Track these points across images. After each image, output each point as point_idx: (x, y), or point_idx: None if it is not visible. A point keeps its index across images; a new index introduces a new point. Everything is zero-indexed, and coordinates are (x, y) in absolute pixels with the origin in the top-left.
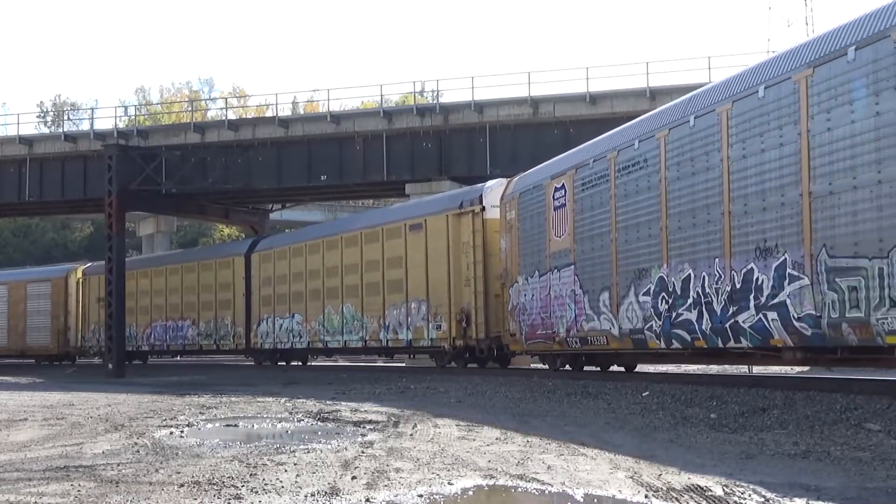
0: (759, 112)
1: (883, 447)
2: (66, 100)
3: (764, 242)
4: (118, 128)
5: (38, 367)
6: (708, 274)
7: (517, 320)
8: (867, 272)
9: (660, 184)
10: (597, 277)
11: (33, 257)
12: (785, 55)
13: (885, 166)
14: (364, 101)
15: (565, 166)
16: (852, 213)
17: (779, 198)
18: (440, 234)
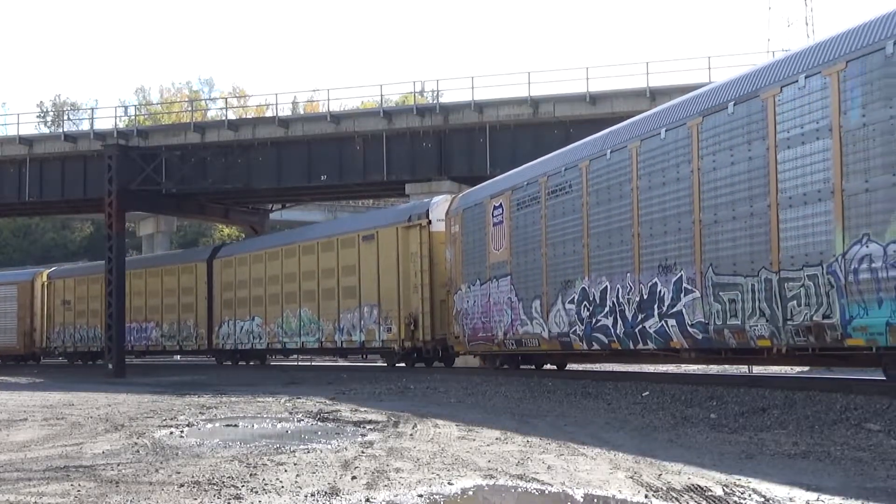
0: (660, 151)
1: (883, 447)
2: (66, 100)
3: (665, 261)
4: (118, 128)
5: (39, 368)
6: (621, 286)
7: (461, 324)
8: (742, 287)
9: (582, 207)
10: (530, 287)
11: (33, 257)
12: (681, 103)
13: (755, 202)
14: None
15: (503, 187)
16: (732, 240)
17: (676, 224)
18: (391, 245)
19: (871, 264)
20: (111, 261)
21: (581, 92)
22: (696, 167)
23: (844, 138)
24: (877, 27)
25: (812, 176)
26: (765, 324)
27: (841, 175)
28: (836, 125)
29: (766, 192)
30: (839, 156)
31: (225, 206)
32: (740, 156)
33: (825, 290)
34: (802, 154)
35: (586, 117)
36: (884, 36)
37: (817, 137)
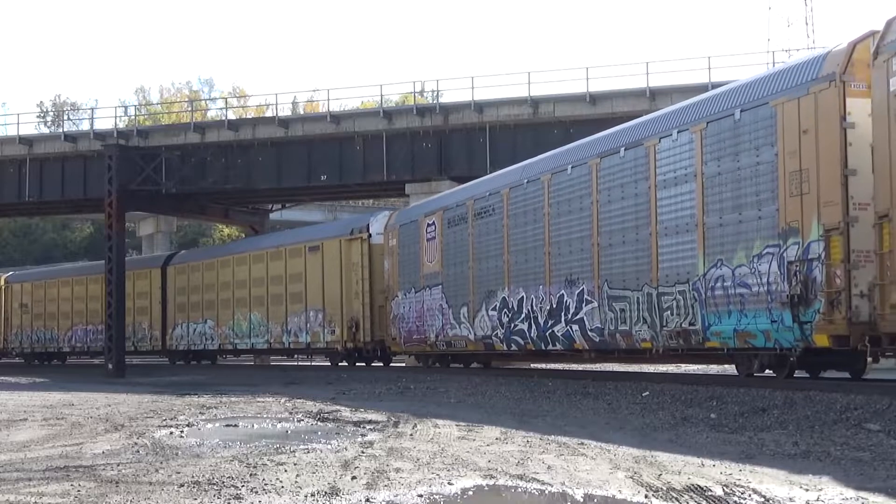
0: (567, 185)
1: (883, 447)
2: (66, 100)
3: (570, 276)
4: (118, 128)
5: (39, 367)
6: (535, 296)
7: (397, 327)
8: (630, 299)
9: (503, 228)
10: (459, 295)
11: (33, 257)
12: (585, 144)
13: (640, 231)
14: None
15: (436, 206)
16: (622, 260)
17: (580, 246)
18: (334, 255)
19: (723, 283)
20: (111, 261)
21: (581, 92)
22: (595, 199)
23: (705, 183)
24: (730, 97)
25: (682, 212)
26: (647, 329)
27: (702, 212)
28: (699, 172)
29: (648, 223)
30: (701, 197)
31: (225, 206)
32: (629, 192)
33: (691, 302)
34: (675, 194)
35: (586, 117)
36: (734, 105)
37: (685, 181)
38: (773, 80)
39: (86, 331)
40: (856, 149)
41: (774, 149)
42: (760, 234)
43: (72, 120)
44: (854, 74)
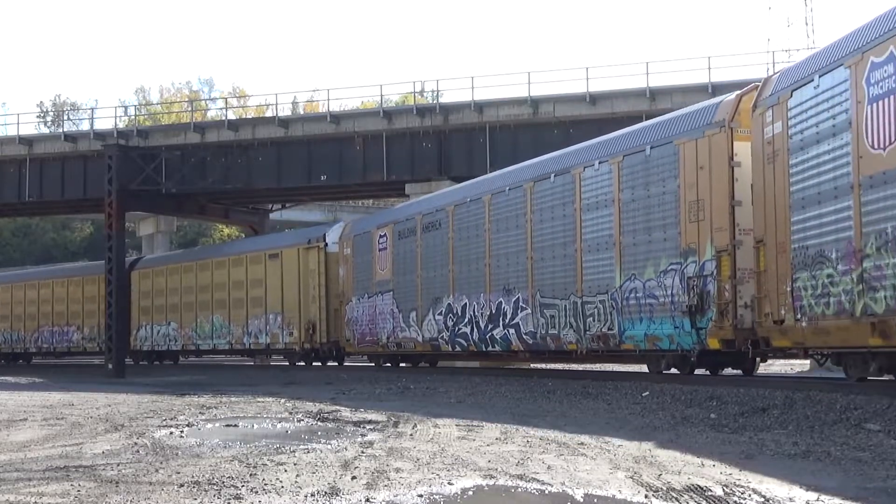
0: (505, 205)
1: (883, 447)
2: (66, 100)
3: (508, 285)
4: (118, 128)
5: (39, 367)
6: (477, 303)
7: (351, 329)
8: (559, 307)
9: (448, 241)
10: (408, 301)
11: (33, 257)
12: (521, 169)
13: (567, 247)
14: (364, 101)
15: (388, 219)
16: (552, 273)
17: (516, 259)
18: (293, 263)
19: (636, 294)
20: (111, 261)
21: (581, 92)
22: (529, 218)
23: (621, 208)
24: (643, 134)
25: (602, 232)
26: (572, 333)
27: (619, 232)
28: (616, 198)
29: (574, 241)
30: (618, 219)
31: (225, 206)
32: (558, 213)
33: (609, 310)
34: (596, 216)
35: (586, 117)
36: (646, 142)
37: (605, 205)
38: (677, 122)
39: (52, 332)
40: (741, 184)
41: (677, 181)
42: (666, 253)
43: (72, 120)
44: (740, 122)
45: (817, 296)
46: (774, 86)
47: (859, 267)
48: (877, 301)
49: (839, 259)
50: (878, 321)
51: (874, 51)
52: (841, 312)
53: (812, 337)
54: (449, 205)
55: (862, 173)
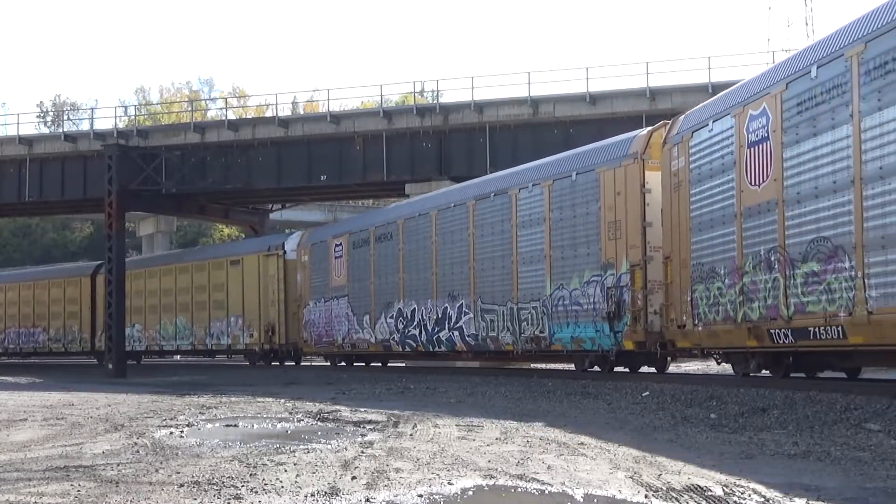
0: (450, 220)
1: (883, 447)
2: (66, 100)
3: (453, 292)
4: (118, 128)
5: (39, 367)
6: (425, 308)
7: (308, 331)
8: (498, 312)
9: (399, 252)
10: (362, 305)
11: (33, 257)
12: (464, 188)
13: (505, 259)
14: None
15: (343, 230)
16: (492, 282)
17: (460, 268)
18: (253, 268)
19: (563, 301)
20: (111, 261)
21: (581, 92)
22: (471, 233)
23: (552, 226)
24: (571, 162)
25: (535, 246)
26: (509, 335)
27: (549, 247)
28: (547, 217)
29: (511, 254)
30: (548, 236)
31: (225, 206)
32: (497, 229)
33: (541, 315)
34: (530, 232)
35: (586, 117)
36: (572, 168)
37: (538, 223)
38: (599, 152)
39: (18, 333)
40: (651, 207)
41: (598, 204)
42: (589, 266)
43: (72, 120)
44: (651, 154)
45: (710, 305)
46: (680, 126)
47: (740, 281)
48: (752, 310)
49: (726, 275)
50: (752, 326)
51: (752, 105)
52: (727, 319)
53: (706, 339)
54: (400, 218)
55: (743, 205)
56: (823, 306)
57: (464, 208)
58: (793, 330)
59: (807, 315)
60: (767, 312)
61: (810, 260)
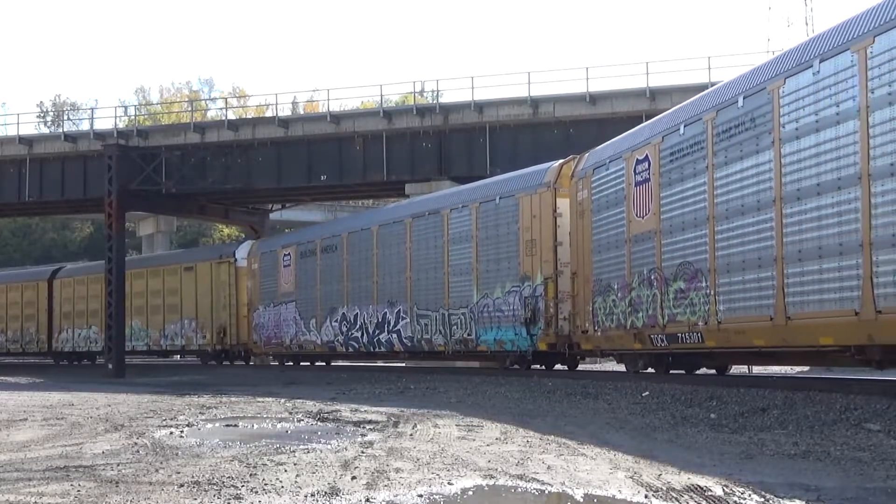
0: (390, 234)
1: (883, 447)
2: (66, 100)
3: (391, 299)
4: (118, 128)
5: (39, 367)
6: (367, 312)
7: (258, 333)
8: (431, 317)
9: (343, 262)
10: (309, 309)
11: (33, 257)
12: (399, 206)
13: (438, 270)
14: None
15: (292, 241)
16: (426, 290)
17: (398, 278)
18: (206, 275)
19: (488, 308)
20: (111, 261)
21: (581, 92)
22: (408, 246)
23: (478, 242)
24: (493, 188)
25: (464, 260)
26: (441, 338)
27: (476, 261)
28: (474, 235)
29: (443, 266)
30: (475, 251)
31: (225, 206)
32: (431, 244)
33: (469, 320)
34: (460, 248)
35: (586, 117)
36: (495, 194)
37: (466, 240)
38: (519, 180)
39: None
40: (562, 229)
41: (518, 224)
42: (509, 278)
43: (72, 120)
44: (562, 184)
45: (606, 314)
46: (585, 163)
47: (629, 295)
48: (637, 318)
49: (619, 289)
50: (637, 332)
51: (638, 151)
52: (619, 326)
53: (604, 343)
54: (344, 232)
55: (631, 232)
56: (688, 316)
57: (402, 225)
58: (667, 335)
59: (676, 323)
60: (648, 321)
61: (678, 279)
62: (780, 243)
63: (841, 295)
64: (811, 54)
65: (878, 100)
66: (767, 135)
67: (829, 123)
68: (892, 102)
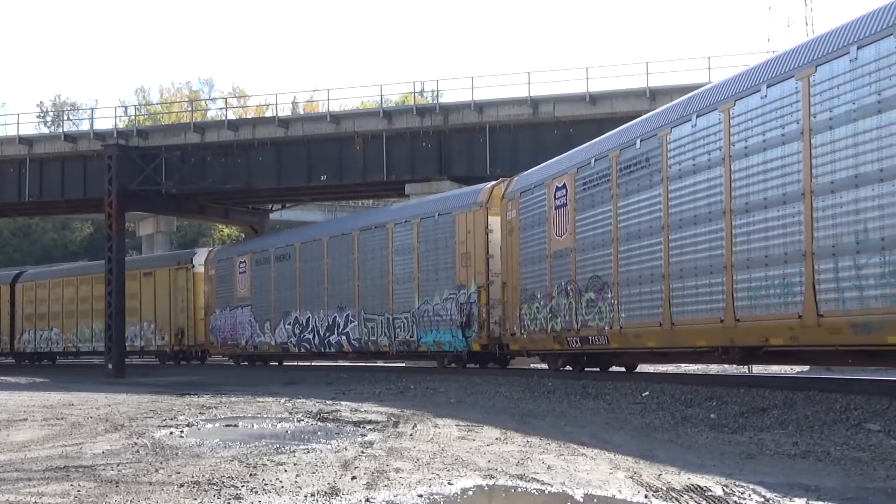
0: (339, 245)
1: (883, 447)
2: (66, 100)
3: (341, 304)
4: (118, 128)
5: (39, 367)
6: (318, 316)
7: (215, 335)
8: (377, 321)
9: (296, 270)
10: (263, 313)
11: (33, 257)
12: (350, 218)
13: (383, 279)
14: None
15: (247, 249)
16: (373, 296)
17: (347, 285)
18: (165, 280)
19: (428, 313)
20: (111, 261)
21: (581, 92)
22: (356, 257)
23: (420, 254)
24: (433, 205)
25: (406, 269)
26: (386, 339)
27: (417, 270)
28: (416, 246)
29: (388, 274)
30: (416, 261)
31: (225, 206)
32: (377, 255)
33: (411, 324)
34: (402, 258)
35: (586, 117)
36: (435, 211)
37: (409, 251)
38: (456, 199)
39: None
40: (493, 244)
41: (454, 239)
42: (447, 286)
43: (72, 120)
44: (493, 203)
45: (532, 319)
46: (514, 186)
47: (550, 303)
48: (557, 323)
49: (542, 298)
50: (557, 335)
51: (557, 179)
52: (542, 330)
53: (530, 344)
54: (297, 242)
55: (551, 249)
56: (597, 322)
57: (350, 237)
58: (580, 338)
59: (588, 328)
60: (566, 325)
61: (589, 290)
62: (666, 263)
63: (711, 306)
64: (691, 109)
65: (736, 151)
66: (658, 173)
67: (703, 167)
68: (746, 154)
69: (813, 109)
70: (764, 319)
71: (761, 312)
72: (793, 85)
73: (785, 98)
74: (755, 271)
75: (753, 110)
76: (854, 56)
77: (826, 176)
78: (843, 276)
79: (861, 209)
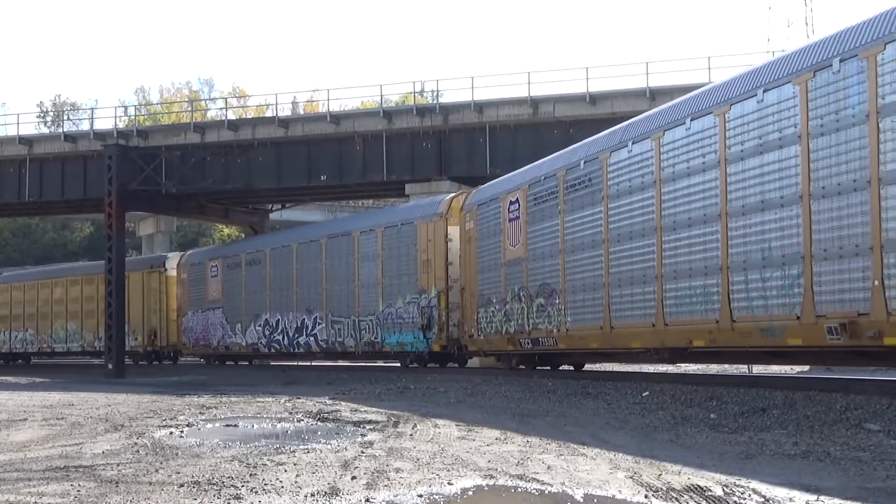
0: (307, 251)
1: (883, 447)
2: (66, 100)
3: (309, 306)
4: (118, 128)
5: (39, 367)
6: (287, 318)
7: (187, 336)
8: (344, 323)
9: (266, 274)
10: (235, 315)
11: (33, 257)
12: (317, 226)
13: (350, 282)
14: (364, 101)
15: (218, 254)
16: (339, 299)
17: (315, 288)
18: (138, 283)
19: (391, 316)
20: (111, 261)
21: (581, 92)
22: (323, 262)
23: (384, 260)
24: (398, 214)
25: (371, 273)
26: (352, 340)
27: (381, 275)
28: (380, 253)
29: (353, 279)
30: (380, 267)
31: (225, 206)
32: (343, 261)
33: (376, 326)
34: (367, 265)
35: (586, 117)
36: (399, 220)
37: (374, 258)
38: (418, 209)
39: None
40: (452, 252)
41: (416, 246)
42: (410, 290)
43: (72, 120)
44: (452, 214)
45: (488, 322)
46: (472, 198)
47: (505, 308)
48: (511, 326)
49: (497, 302)
50: (510, 337)
51: (512, 194)
52: (497, 332)
53: (486, 345)
54: (267, 248)
55: (505, 258)
56: (546, 325)
57: (318, 244)
58: (532, 339)
59: (539, 330)
60: (518, 328)
61: (540, 296)
62: (606, 272)
63: (644, 311)
64: (628, 137)
65: (665, 175)
66: (599, 192)
67: (637, 189)
68: (673, 178)
69: (728, 142)
70: (688, 324)
71: (686, 317)
72: (711, 120)
73: (705, 131)
74: (681, 281)
75: (679, 140)
76: (761, 98)
77: (738, 201)
78: (752, 287)
79: (766, 230)
